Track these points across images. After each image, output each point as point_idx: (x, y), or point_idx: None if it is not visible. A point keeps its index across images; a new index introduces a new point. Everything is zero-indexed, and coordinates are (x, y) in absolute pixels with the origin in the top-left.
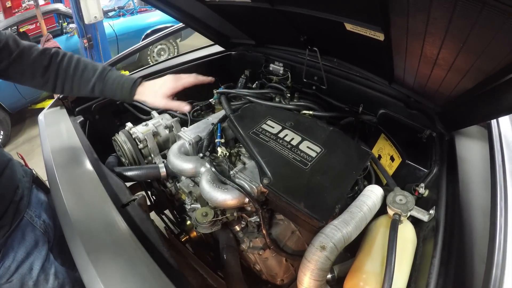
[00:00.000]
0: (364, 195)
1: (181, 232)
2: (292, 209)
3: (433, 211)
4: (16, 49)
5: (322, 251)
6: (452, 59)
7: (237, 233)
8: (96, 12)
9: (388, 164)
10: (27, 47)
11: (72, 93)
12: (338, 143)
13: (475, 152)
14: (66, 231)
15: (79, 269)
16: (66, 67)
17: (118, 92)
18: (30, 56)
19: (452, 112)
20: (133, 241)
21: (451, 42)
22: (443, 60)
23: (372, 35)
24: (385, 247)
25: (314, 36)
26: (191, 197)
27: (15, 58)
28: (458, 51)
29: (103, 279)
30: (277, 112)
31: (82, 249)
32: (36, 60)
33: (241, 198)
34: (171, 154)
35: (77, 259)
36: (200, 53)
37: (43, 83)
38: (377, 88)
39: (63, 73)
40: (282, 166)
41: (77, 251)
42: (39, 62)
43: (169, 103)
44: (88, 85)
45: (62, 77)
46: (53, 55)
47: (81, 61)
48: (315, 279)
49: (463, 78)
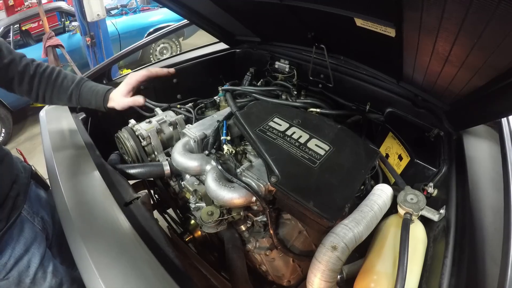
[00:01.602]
0: (375, 194)
1: (185, 232)
2: (300, 208)
3: (444, 211)
4: (8, 55)
5: (333, 251)
6: (464, 55)
7: (243, 233)
8: (98, 10)
9: (396, 163)
10: (18, 55)
11: (52, 102)
12: (347, 141)
13: (483, 151)
14: (66, 229)
15: (79, 268)
16: (48, 76)
17: (93, 100)
18: (20, 64)
19: (461, 110)
20: (136, 241)
21: (465, 38)
22: (455, 56)
23: (383, 31)
24: (396, 247)
25: (322, 33)
26: (196, 196)
27: (8, 64)
28: (471, 47)
29: (104, 279)
30: (284, 109)
31: (83, 248)
32: (24, 68)
33: (248, 197)
34: (175, 152)
35: (78, 258)
36: (203, 51)
37: (28, 91)
38: (385, 87)
39: (45, 81)
40: (290, 164)
41: (78, 250)
42: (27, 71)
43: (126, 101)
44: (66, 93)
45: (44, 85)
46: (38, 65)
47: (62, 72)
48: (326, 280)
49: (475, 75)
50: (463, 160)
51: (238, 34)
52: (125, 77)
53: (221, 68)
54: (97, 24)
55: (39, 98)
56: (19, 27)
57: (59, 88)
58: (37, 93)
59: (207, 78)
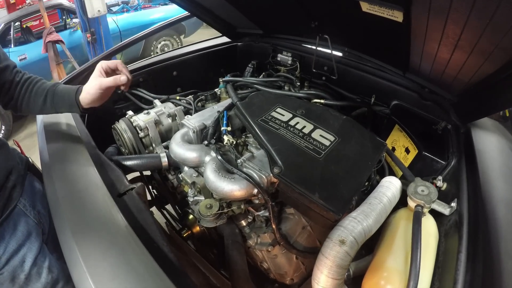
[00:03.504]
0: (383, 186)
1: (183, 227)
2: (305, 201)
3: (455, 204)
4: (4, 61)
5: (342, 246)
6: (475, 39)
7: (243, 229)
8: (99, 6)
9: (403, 157)
10: (11, 64)
11: (28, 108)
12: (352, 132)
13: (491, 145)
14: (56, 221)
15: (67, 261)
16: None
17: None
18: (11, 72)
19: (470, 101)
20: (128, 234)
21: (477, 19)
22: (465, 41)
23: (390, 15)
24: (407, 242)
25: (326, 22)
26: (194, 188)
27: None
28: (483, 29)
29: (91, 273)
30: (287, 100)
31: (72, 240)
32: (14, 77)
33: (249, 189)
34: (173, 142)
35: (66, 252)
36: (205, 44)
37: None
38: (390, 79)
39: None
40: (293, 154)
41: (66, 242)
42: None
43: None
44: (40, 98)
45: (23, 92)
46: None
47: (39, 78)
48: (333, 277)
49: (485, 61)
50: (472, 153)
51: (240, 27)
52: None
53: (223, 61)
54: (98, 20)
55: (18, 107)
56: (20, 24)
57: (36, 93)
58: (16, 100)
59: (208, 72)
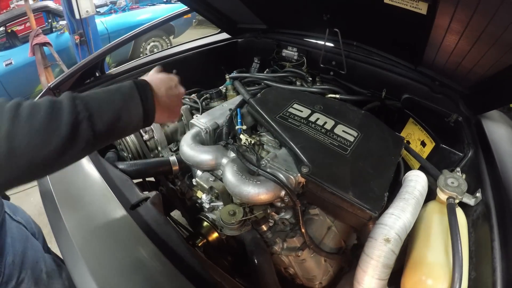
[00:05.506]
0: (412, 180)
1: (196, 236)
2: (337, 200)
3: (480, 194)
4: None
5: (387, 244)
6: (501, 31)
7: (265, 234)
8: (88, 6)
9: (419, 150)
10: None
11: None
12: (373, 127)
13: (503, 135)
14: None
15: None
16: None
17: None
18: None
19: (482, 93)
20: (152, 252)
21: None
22: (490, 32)
23: (414, 7)
24: (444, 235)
25: (338, 15)
26: (212, 194)
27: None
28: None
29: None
30: (302, 95)
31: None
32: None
33: (277, 191)
34: (184, 145)
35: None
36: (203, 41)
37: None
38: (400, 72)
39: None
40: (319, 152)
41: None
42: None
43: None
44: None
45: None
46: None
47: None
48: (379, 278)
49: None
50: (487, 144)
51: (241, 22)
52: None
53: (223, 58)
54: (86, 22)
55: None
56: (5, 29)
57: None
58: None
59: (207, 69)
